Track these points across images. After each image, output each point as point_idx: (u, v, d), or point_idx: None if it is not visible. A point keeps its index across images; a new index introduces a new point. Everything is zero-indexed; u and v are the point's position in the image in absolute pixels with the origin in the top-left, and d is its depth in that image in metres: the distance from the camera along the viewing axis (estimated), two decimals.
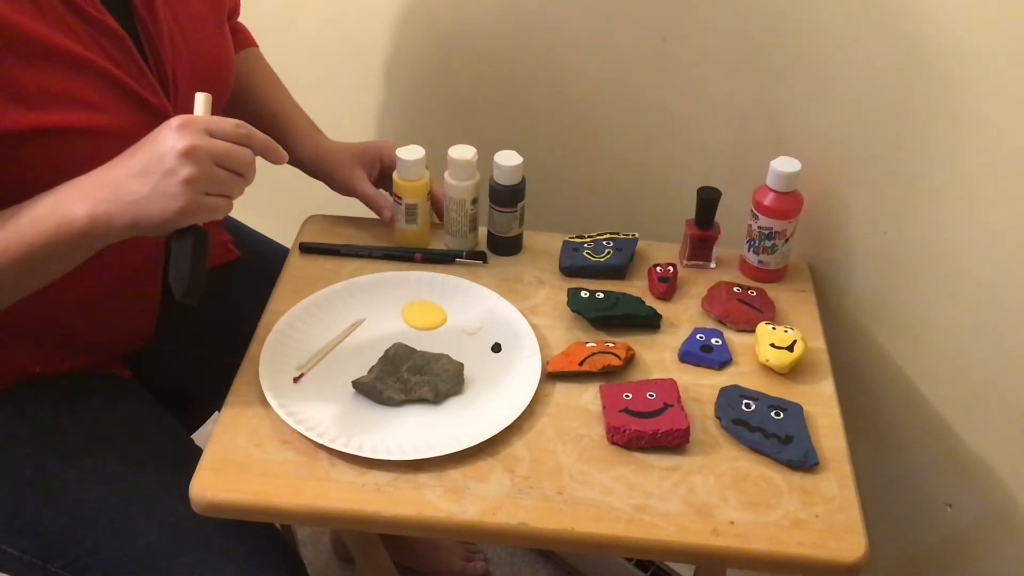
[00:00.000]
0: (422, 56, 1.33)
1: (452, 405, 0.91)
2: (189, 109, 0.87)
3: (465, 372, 0.93)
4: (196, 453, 0.91)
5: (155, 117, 0.85)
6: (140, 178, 0.73)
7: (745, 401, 0.91)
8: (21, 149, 0.77)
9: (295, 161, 1.10)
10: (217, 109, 0.98)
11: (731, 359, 0.98)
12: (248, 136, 0.77)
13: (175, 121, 0.74)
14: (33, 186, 0.77)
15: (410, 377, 0.91)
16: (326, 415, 0.88)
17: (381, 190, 1.10)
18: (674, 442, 0.87)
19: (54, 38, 0.77)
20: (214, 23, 0.96)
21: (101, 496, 0.88)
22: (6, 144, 0.76)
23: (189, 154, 0.72)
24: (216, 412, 0.93)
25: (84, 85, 0.79)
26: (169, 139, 0.73)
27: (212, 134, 0.74)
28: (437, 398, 0.90)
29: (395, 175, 1.07)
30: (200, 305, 0.80)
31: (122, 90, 0.83)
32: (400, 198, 1.07)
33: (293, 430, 0.86)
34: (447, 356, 0.93)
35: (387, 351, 0.93)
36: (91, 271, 0.83)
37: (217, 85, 0.97)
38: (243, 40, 1.14)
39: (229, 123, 0.76)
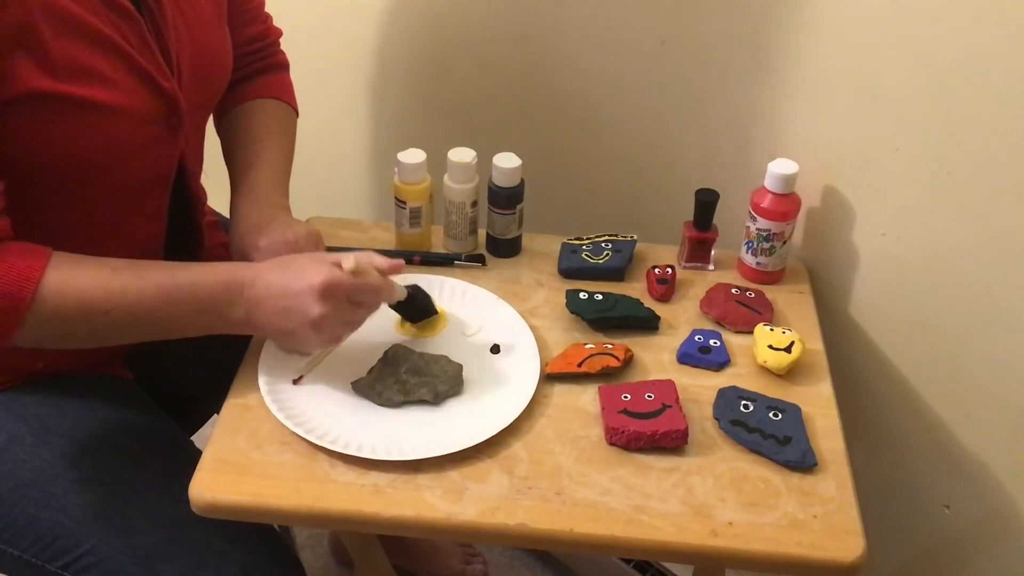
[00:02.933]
0: (421, 59, 1.33)
1: (451, 406, 0.91)
2: (193, 95, 0.91)
3: (464, 373, 0.93)
4: (196, 455, 0.90)
5: (165, 100, 0.88)
6: (282, 314, 0.85)
7: (743, 402, 0.91)
8: (40, 112, 0.79)
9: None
10: (207, 106, 1.01)
11: (729, 360, 0.98)
12: (381, 294, 0.89)
13: (319, 280, 0.82)
14: (42, 151, 0.80)
15: (409, 378, 0.91)
16: (325, 416, 0.88)
17: None
18: (673, 443, 0.87)
19: (81, 14, 0.79)
20: (215, 18, 0.97)
21: (101, 497, 0.88)
22: (27, 105, 0.78)
23: (319, 322, 0.84)
24: (215, 415, 0.93)
25: (105, 62, 0.81)
26: (310, 302, 0.83)
27: (349, 300, 0.85)
28: (436, 399, 0.91)
29: (396, 179, 1.07)
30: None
31: (137, 71, 0.84)
32: (404, 202, 1.07)
33: (292, 432, 0.86)
34: (446, 357, 0.94)
35: (386, 352, 0.93)
36: (96, 254, 0.83)
37: (215, 78, 0.98)
38: (273, 88, 1.11)
39: (369, 287, 0.87)
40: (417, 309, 0.98)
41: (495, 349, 0.97)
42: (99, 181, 0.87)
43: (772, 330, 0.98)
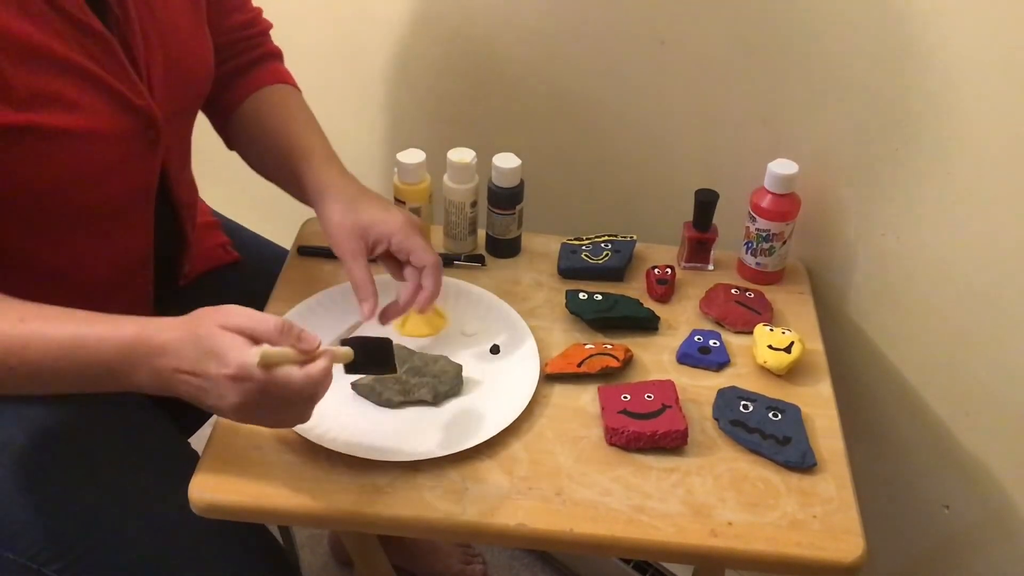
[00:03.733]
0: (421, 59, 1.33)
1: (451, 406, 0.91)
2: (170, 104, 0.88)
3: (464, 373, 0.93)
4: (193, 457, 0.90)
5: (140, 117, 0.85)
6: (196, 391, 0.73)
7: (743, 402, 0.91)
8: (6, 148, 0.77)
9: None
10: (190, 111, 0.98)
11: (729, 361, 0.98)
12: (304, 390, 0.73)
13: (231, 368, 0.70)
14: (15, 188, 0.78)
15: (409, 379, 0.91)
16: (325, 416, 0.88)
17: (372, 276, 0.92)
18: (672, 443, 0.87)
19: (42, 39, 0.76)
20: (191, 20, 0.93)
21: (97, 500, 0.88)
22: None
23: (238, 411, 0.73)
24: (215, 415, 0.93)
25: (71, 87, 0.79)
26: (223, 388, 0.71)
27: (267, 393, 0.72)
28: (436, 399, 0.90)
29: (396, 180, 1.07)
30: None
31: (108, 92, 0.82)
32: (403, 202, 1.07)
33: (292, 431, 0.86)
34: (445, 358, 0.93)
35: None
36: (79, 276, 0.82)
37: (193, 83, 0.95)
38: (276, 76, 1.08)
39: (286, 386, 0.72)
40: (370, 362, 0.83)
41: (495, 349, 0.97)
42: (75, 202, 0.85)
43: (772, 330, 0.98)
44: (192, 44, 0.94)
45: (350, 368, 0.81)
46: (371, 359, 0.81)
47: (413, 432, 0.88)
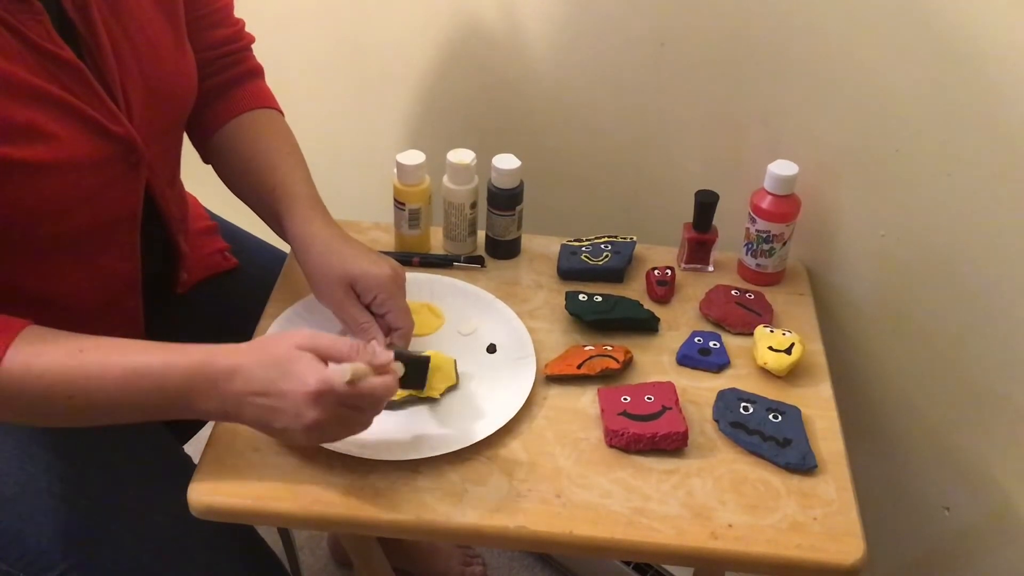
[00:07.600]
0: (421, 60, 1.33)
1: (450, 407, 0.91)
2: (147, 133, 0.87)
3: (462, 373, 0.93)
4: (185, 463, 0.89)
5: (119, 144, 0.84)
6: (268, 413, 0.76)
7: (743, 404, 0.91)
8: None
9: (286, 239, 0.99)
10: (174, 129, 0.96)
11: (729, 362, 0.98)
12: (382, 399, 0.78)
13: (313, 384, 0.74)
14: None
15: None
16: None
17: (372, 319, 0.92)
18: (672, 445, 0.87)
19: (13, 71, 0.75)
20: (170, 39, 0.92)
21: (87, 511, 0.87)
22: None
23: (313, 428, 0.75)
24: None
25: (46, 117, 0.78)
26: (302, 406, 0.74)
27: (345, 405, 0.75)
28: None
29: (396, 181, 1.07)
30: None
31: (84, 121, 0.81)
32: (403, 204, 1.07)
33: None
34: (439, 354, 0.93)
35: None
36: (65, 301, 0.81)
37: (175, 102, 0.94)
38: (257, 98, 1.05)
39: (368, 396, 0.76)
40: (409, 378, 0.84)
41: (491, 349, 0.97)
42: (56, 229, 0.83)
43: (772, 332, 0.97)
44: (172, 63, 0.92)
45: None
46: (410, 376, 0.83)
47: (412, 432, 0.87)
